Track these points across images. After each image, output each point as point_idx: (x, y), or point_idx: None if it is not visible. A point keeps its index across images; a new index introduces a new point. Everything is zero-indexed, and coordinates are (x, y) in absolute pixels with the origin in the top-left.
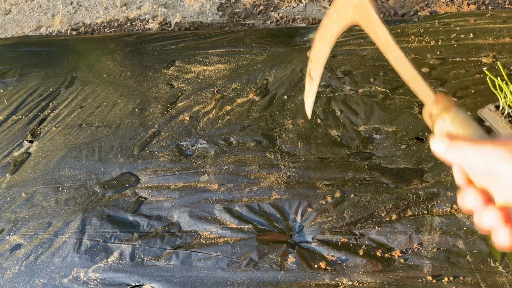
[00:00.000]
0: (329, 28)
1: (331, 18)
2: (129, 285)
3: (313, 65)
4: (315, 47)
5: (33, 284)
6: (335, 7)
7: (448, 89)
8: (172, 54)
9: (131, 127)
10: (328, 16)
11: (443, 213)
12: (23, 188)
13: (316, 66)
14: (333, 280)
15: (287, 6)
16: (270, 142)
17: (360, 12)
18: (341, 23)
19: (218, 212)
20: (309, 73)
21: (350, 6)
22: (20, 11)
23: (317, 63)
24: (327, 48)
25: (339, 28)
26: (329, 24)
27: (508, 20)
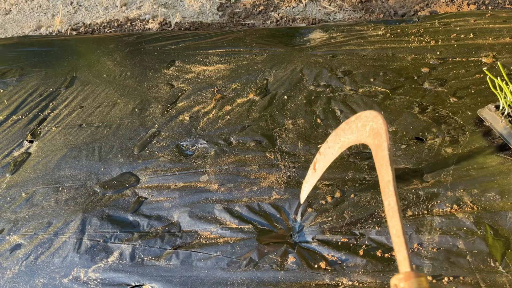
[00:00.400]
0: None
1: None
2: (129, 285)
3: (321, 158)
4: (328, 142)
5: (33, 284)
6: (357, 120)
7: (448, 89)
8: (172, 54)
9: (131, 127)
10: (348, 123)
11: (443, 213)
12: (23, 188)
13: (322, 161)
14: (333, 280)
15: (287, 6)
16: (270, 142)
17: (375, 139)
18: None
19: (218, 212)
20: (314, 164)
21: (369, 127)
22: (20, 11)
23: (324, 158)
24: (337, 150)
25: (353, 140)
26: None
27: (508, 20)
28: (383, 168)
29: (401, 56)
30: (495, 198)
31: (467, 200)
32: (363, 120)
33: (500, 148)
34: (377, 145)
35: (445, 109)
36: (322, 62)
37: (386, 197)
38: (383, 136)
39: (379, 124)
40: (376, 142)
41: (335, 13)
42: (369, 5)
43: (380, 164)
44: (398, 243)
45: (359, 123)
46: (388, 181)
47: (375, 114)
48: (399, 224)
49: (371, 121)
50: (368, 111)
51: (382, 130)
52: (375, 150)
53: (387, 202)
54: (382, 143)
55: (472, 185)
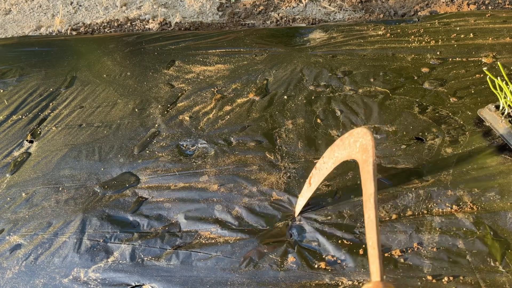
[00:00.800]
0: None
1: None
2: (129, 285)
3: (316, 172)
4: (324, 158)
5: (33, 284)
6: (349, 136)
7: (448, 89)
8: (172, 54)
9: (131, 127)
10: (342, 140)
11: (443, 213)
12: (23, 188)
13: (317, 175)
14: (333, 280)
15: (287, 6)
16: (270, 142)
17: (363, 154)
18: (348, 153)
19: (218, 212)
20: (309, 179)
21: (359, 143)
22: (20, 11)
23: (319, 173)
24: (331, 165)
25: (345, 156)
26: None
27: (508, 20)
28: (367, 182)
29: (401, 56)
30: (495, 198)
31: (467, 200)
32: (355, 136)
33: (500, 148)
34: (364, 160)
35: (445, 109)
36: (322, 62)
37: (367, 210)
38: (369, 152)
39: (367, 141)
40: (363, 158)
41: (335, 13)
42: (369, 5)
43: (365, 178)
44: (373, 255)
45: (351, 139)
46: (370, 195)
47: (365, 131)
48: (376, 236)
49: (361, 137)
50: (360, 128)
51: (369, 146)
52: (362, 165)
53: (367, 215)
54: (368, 158)
55: (472, 185)
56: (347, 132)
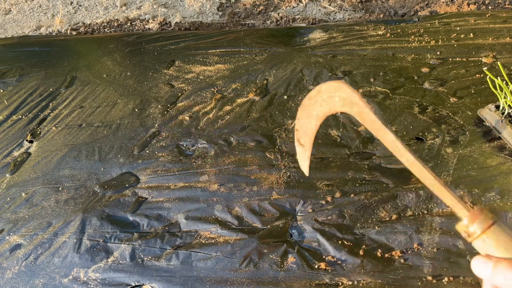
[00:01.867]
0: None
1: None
2: (129, 285)
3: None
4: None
5: (33, 284)
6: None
7: (448, 89)
8: (172, 54)
9: (131, 127)
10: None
11: (443, 213)
12: (23, 188)
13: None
14: (333, 280)
15: (287, 6)
16: (270, 142)
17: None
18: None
19: (218, 212)
20: (298, 141)
21: (338, 98)
22: (20, 11)
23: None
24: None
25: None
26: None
27: (508, 20)
28: (380, 132)
29: (401, 56)
30: (495, 198)
31: (467, 200)
32: (326, 92)
33: (500, 148)
34: (359, 112)
35: (445, 109)
36: (322, 62)
37: (400, 155)
38: (360, 104)
39: (347, 94)
40: (356, 111)
41: (335, 13)
42: (369, 5)
43: (375, 129)
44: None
45: (324, 95)
46: (392, 141)
47: (337, 85)
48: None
49: (336, 92)
50: (327, 83)
51: (355, 99)
52: (360, 117)
53: (405, 159)
54: (363, 109)
55: (472, 185)
56: (314, 89)
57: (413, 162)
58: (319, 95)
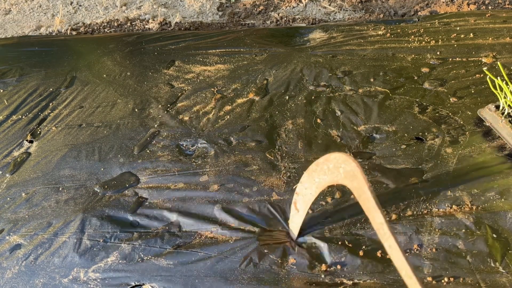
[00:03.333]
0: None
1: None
2: (129, 285)
3: (299, 198)
4: (303, 183)
5: (33, 284)
6: (327, 162)
7: (448, 89)
8: (172, 54)
9: (131, 127)
10: (318, 165)
11: (443, 213)
12: (23, 188)
13: (302, 201)
14: (333, 280)
15: (287, 6)
16: (270, 142)
17: (352, 181)
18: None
19: (218, 212)
20: (295, 204)
21: (342, 169)
22: (20, 11)
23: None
24: (315, 190)
25: (328, 181)
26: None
27: (508, 20)
28: (371, 211)
29: (401, 56)
30: (495, 198)
31: (467, 200)
32: (333, 162)
33: (500, 148)
34: (357, 188)
35: (445, 109)
36: (322, 62)
37: (384, 239)
38: (360, 179)
39: (352, 167)
40: (355, 185)
41: (335, 13)
42: (369, 5)
43: (367, 207)
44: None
45: (330, 164)
46: (381, 224)
47: (345, 157)
48: (406, 264)
49: (342, 164)
50: (337, 154)
51: (357, 173)
52: (357, 193)
53: (387, 245)
54: (361, 186)
55: (472, 185)
56: (322, 157)
57: (395, 249)
58: (326, 163)
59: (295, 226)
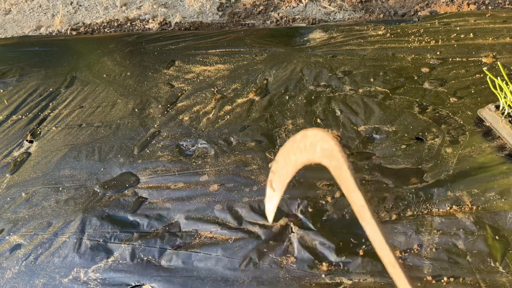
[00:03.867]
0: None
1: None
2: (129, 285)
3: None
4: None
5: (33, 284)
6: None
7: (448, 89)
8: (172, 54)
9: (131, 127)
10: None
11: (443, 213)
12: (23, 188)
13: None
14: (333, 280)
15: (287, 6)
16: (270, 142)
17: (331, 160)
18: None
19: (218, 212)
20: (270, 183)
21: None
22: (20, 11)
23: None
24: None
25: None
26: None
27: (508, 20)
28: (351, 192)
29: (401, 56)
30: (495, 198)
31: (467, 200)
32: (310, 139)
33: (500, 148)
34: (335, 167)
35: (445, 109)
36: (322, 62)
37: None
38: (339, 158)
39: (330, 145)
40: (333, 164)
41: (335, 13)
42: (369, 5)
43: (346, 188)
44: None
45: (306, 141)
46: (362, 207)
47: (322, 134)
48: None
49: (320, 141)
50: (314, 130)
51: (335, 151)
52: (335, 172)
53: (369, 230)
54: (341, 165)
55: (472, 185)
56: (299, 133)
57: (376, 233)
58: (303, 140)
59: (271, 206)
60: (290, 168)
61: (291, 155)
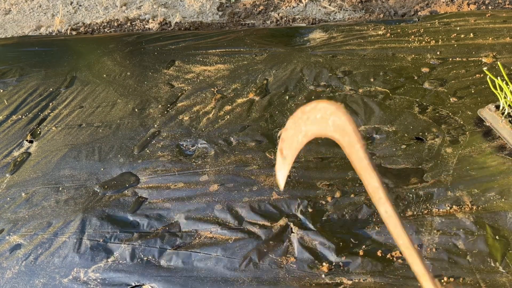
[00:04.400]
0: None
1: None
2: (129, 285)
3: (285, 145)
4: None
5: (33, 284)
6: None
7: (448, 89)
8: (172, 54)
9: (131, 127)
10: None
11: (443, 213)
12: (23, 188)
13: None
14: (333, 280)
15: (287, 6)
16: (270, 142)
17: (343, 136)
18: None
19: (218, 212)
20: (280, 151)
21: (331, 122)
22: (20, 11)
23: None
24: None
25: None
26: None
27: (508, 20)
28: (365, 172)
29: (401, 56)
30: (495, 198)
31: (467, 200)
32: (322, 112)
33: (500, 148)
34: (348, 144)
35: (445, 109)
36: (322, 62)
37: (379, 205)
38: (352, 135)
39: (343, 121)
40: (346, 141)
41: (335, 13)
42: (369, 5)
43: (360, 168)
44: (410, 255)
45: (317, 114)
46: (376, 188)
47: (334, 109)
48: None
49: (331, 115)
50: (325, 103)
51: (349, 129)
52: (348, 149)
53: (383, 210)
54: (353, 143)
55: (472, 185)
56: (309, 104)
57: (391, 215)
58: (313, 112)
59: (282, 174)
60: (300, 138)
61: (301, 125)
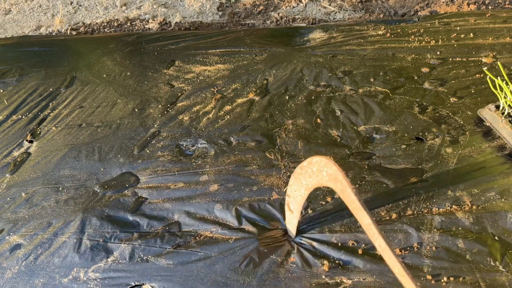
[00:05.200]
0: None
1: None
2: (129, 285)
3: (291, 200)
4: (292, 185)
5: (33, 284)
6: (310, 165)
7: (448, 89)
8: (172, 54)
9: (131, 127)
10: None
11: (443, 212)
12: (23, 188)
13: (294, 202)
14: (333, 280)
15: (287, 6)
16: (270, 142)
17: (336, 183)
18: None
19: (218, 212)
20: (288, 206)
21: (325, 172)
22: (20, 11)
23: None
24: (304, 192)
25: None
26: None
27: (508, 20)
28: (358, 212)
29: (401, 56)
30: (495, 198)
31: (467, 200)
32: (316, 165)
33: (500, 148)
34: (341, 190)
35: (445, 109)
36: (322, 62)
37: (374, 239)
38: (343, 182)
39: (333, 171)
40: (339, 187)
41: (335, 13)
42: (369, 5)
43: (353, 208)
44: (405, 282)
45: (314, 167)
46: (369, 224)
47: (326, 161)
48: (398, 263)
49: (324, 167)
50: (318, 157)
51: (339, 176)
52: (342, 195)
53: (377, 244)
54: (345, 188)
55: (472, 185)
56: (305, 161)
57: (385, 248)
58: (309, 166)
59: (292, 226)
60: (302, 191)
61: (302, 180)
